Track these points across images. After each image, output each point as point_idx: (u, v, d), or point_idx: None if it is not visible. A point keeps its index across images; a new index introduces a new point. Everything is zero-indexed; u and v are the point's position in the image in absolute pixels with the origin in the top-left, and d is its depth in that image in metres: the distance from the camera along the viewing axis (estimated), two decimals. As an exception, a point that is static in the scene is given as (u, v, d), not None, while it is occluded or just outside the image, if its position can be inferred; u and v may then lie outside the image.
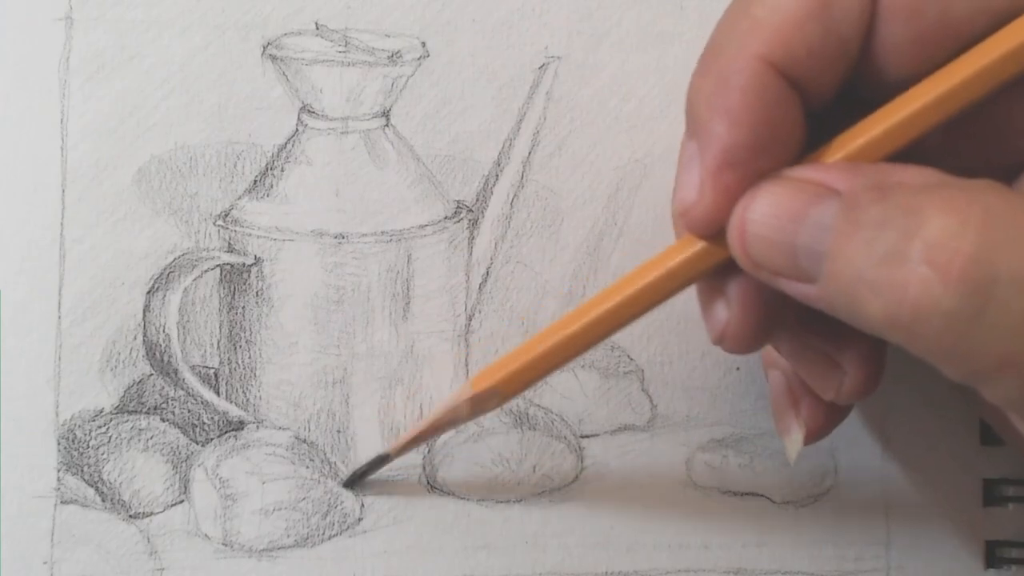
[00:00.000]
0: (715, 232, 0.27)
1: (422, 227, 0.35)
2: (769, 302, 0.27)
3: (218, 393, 0.35)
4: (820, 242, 0.25)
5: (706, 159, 0.26)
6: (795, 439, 0.32)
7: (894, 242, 0.23)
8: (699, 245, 0.27)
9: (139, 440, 0.35)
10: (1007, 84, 0.26)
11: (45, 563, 0.34)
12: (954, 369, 0.24)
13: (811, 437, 0.32)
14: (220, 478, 0.34)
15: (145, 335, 0.35)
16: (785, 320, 0.28)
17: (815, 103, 0.27)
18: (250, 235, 0.35)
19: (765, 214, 0.25)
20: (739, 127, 0.26)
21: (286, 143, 0.35)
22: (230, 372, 0.35)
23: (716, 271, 0.28)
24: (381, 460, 0.34)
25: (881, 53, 0.27)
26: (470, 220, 0.36)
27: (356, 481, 0.35)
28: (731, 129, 0.26)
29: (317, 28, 0.36)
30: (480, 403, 0.31)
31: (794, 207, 0.25)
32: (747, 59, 0.26)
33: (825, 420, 0.32)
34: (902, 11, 0.26)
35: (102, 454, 0.34)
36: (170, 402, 0.35)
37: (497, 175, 0.36)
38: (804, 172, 0.26)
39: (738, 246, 0.26)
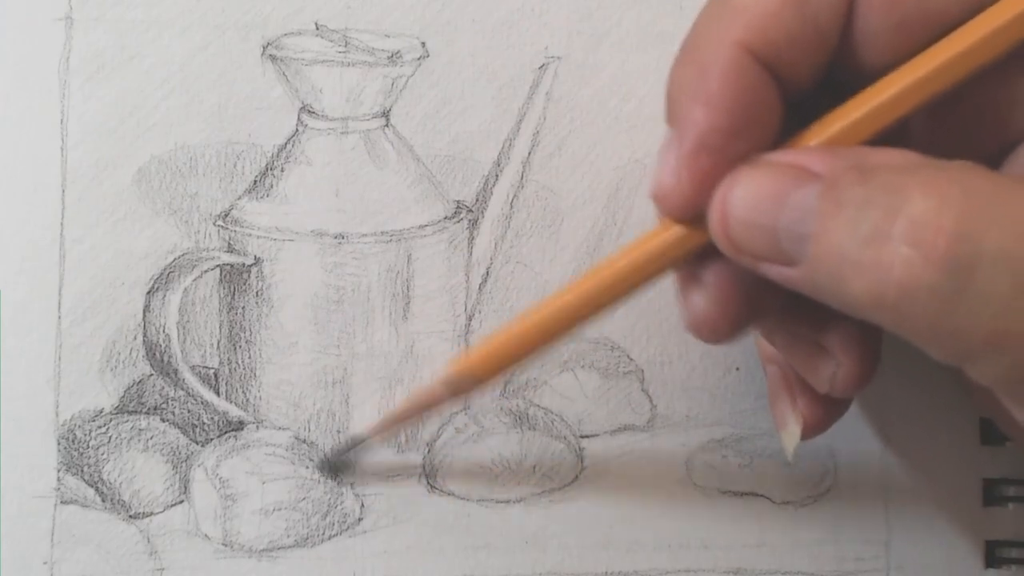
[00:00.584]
0: (692, 217, 0.27)
1: (422, 227, 0.35)
2: (746, 291, 0.28)
3: (218, 393, 0.35)
4: (802, 224, 0.25)
5: (683, 143, 0.26)
6: (792, 433, 0.32)
7: (877, 222, 0.23)
8: (676, 230, 0.27)
9: (139, 440, 0.35)
10: (983, 69, 0.26)
11: (45, 563, 0.34)
12: (940, 349, 0.24)
13: (808, 432, 0.32)
14: (220, 478, 0.34)
15: (145, 335, 0.35)
16: (762, 311, 0.28)
17: (795, 90, 0.27)
18: (250, 235, 0.35)
19: (746, 198, 0.26)
20: (716, 112, 0.26)
21: (286, 143, 0.35)
22: (230, 372, 0.35)
23: (694, 258, 0.28)
24: (358, 442, 0.34)
25: (859, 40, 0.27)
26: (470, 220, 0.36)
27: (334, 465, 0.35)
28: (708, 114, 0.26)
29: (317, 28, 0.36)
30: (456, 385, 0.30)
31: (776, 190, 0.25)
32: (725, 46, 0.26)
33: (822, 414, 0.32)
34: (879, 0, 0.27)
35: (102, 454, 0.34)
36: (170, 402, 0.35)
37: (497, 175, 0.36)
38: (785, 156, 0.26)
39: (720, 231, 0.26)
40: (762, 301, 0.28)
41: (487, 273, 0.36)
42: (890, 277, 0.23)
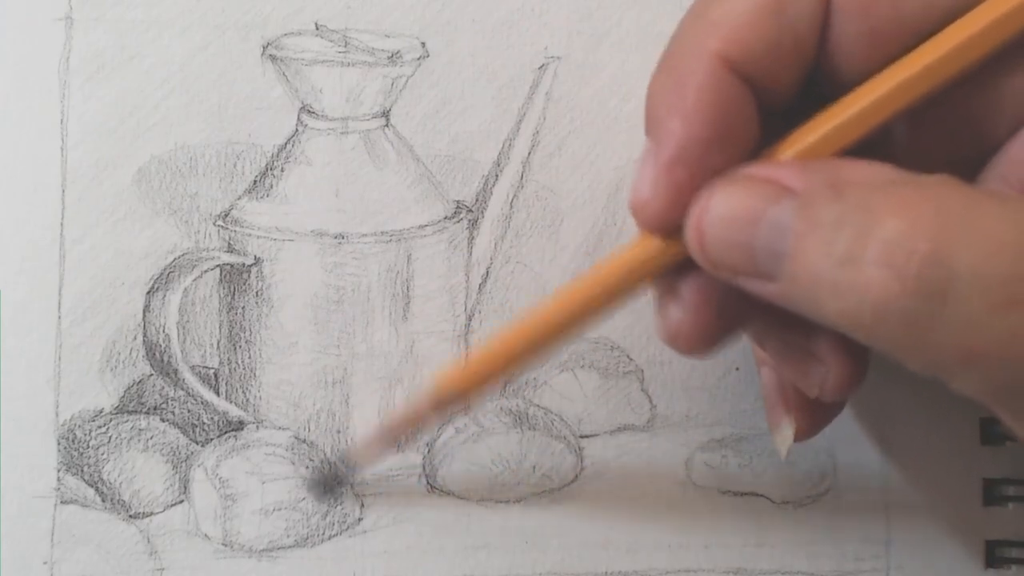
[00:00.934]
0: (669, 228, 0.27)
1: (422, 227, 0.36)
2: (722, 305, 0.28)
3: (218, 393, 0.35)
4: (779, 242, 0.25)
5: (660, 155, 0.26)
6: (785, 435, 0.32)
7: (851, 243, 0.24)
8: (653, 242, 0.27)
9: (139, 440, 0.35)
10: (961, 76, 0.26)
11: (45, 563, 0.34)
12: (917, 365, 0.24)
13: (801, 435, 0.32)
14: (220, 478, 0.34)
15: (145, 335, 0.35)
16: (739, 324, 0.29)
17: (774, 101, 0.27)
18: (250, 235, 0.35)
19: (723, 214, 0.26)
20: (693, 124, 0.26)
21: (286, 143, 0.35)
22: (230, 372, 0.35)
23: (671, 269, 0.28)
24: (348, 465, 0.34)
25: (837, 51, 0.27)
26: (470, 220, 0.36)
27: (325, 490, 0.34)
28: (685, 126, 0.26)
29: (317, 28, 0.36)
30: (441, 401, 0.30)
31: (752, 207, 0.25)
32: (703, 58, 0.26)
33: (815, 417, 0.32)
34: (855, 9, 0.27)
35: (102, 454, 0.34)
36: (170, 402, 0.35)
37: (497, 175, 0.36)
38: (760, 170, 0.26)
39: (697, 246, 0.26)
40: (738, 315, 0.28)
41: (487, 273, 0.36)
42: (864, 299, 0.23)
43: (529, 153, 0.36)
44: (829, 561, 0.36)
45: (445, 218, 0.36)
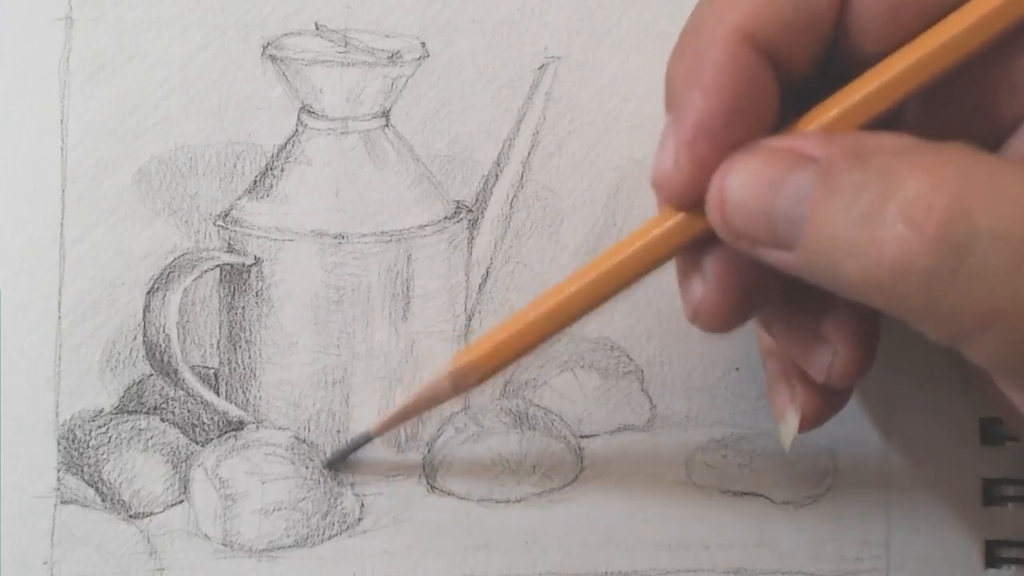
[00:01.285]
0: (691, 203, 0.27)
1: (422, 227, 0.36)
2: (745, 280, 0.28)
3: (218, 393, 0.35)
4: (798, 209, 0.25)
5: (681, 130, 0.26)
6: (790, 424, 0.32)
7: (870, 204, 0.24)
8: (676, 216, 0.27)
9: (139, 440, 0.35)
10: (978, 54, 0.26)
11: (45, 563, 0.34)
12: (935, 329, 0.24)
13: (806, 424, 0.32)
14: (220, 478, 0.34)
15: (145, 335, 0.35)
16: (762, 299, 0.29)
17: (793, 77, 0.27)
18: (250, 235, 0.35)
19: (743, 183, 0.26)
20: (714, 97, 0.26)
21: (286, 143, 0.35)
22: (230, 372, 0.35)
23: (694, 246, 0.28)
24: (364, 439, 0.34)
25: (855, 27, 0.27)
26: (470, 220, 0.36)
27: (339, 462, 0.35)
28: (706, 99, 0.26)
29: (317, 28, 0.36)
30: (461, 379, 0.30)
31: (772, 175, 0.25)
32: (722, 32, 0.26)
33: (820, 406, 0.32)
34: None
35: (102, 454, 0.34)
36: (170, 402, 0.35)
37: (497, 175, 0.36)
38: (781, 141, 0.26)
39: (718, 216, 0.26)
40: (762, 289, 0.28)
41: (487, 273, 0.36)
42: (883, 258, 0.23)
43: (529, 153, 0.36)
44: (829, 561, 0.36)
45: (445, 218, 0.36)
